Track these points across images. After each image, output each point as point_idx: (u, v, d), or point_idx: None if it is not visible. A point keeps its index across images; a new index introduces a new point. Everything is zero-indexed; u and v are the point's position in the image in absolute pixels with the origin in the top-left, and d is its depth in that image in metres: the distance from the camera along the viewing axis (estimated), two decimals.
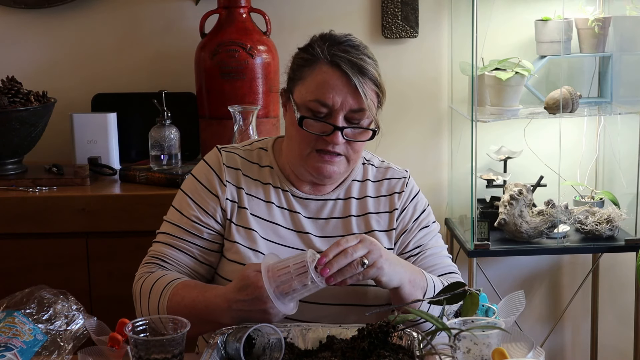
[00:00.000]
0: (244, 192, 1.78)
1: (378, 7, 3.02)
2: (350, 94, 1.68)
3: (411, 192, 1.86)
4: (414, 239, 1.82)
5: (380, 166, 1.89)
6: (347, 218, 1.80)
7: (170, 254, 1.76)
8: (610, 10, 2.98)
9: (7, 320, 1.63)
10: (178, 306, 1.63)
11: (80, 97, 2.96)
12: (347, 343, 1.51)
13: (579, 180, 3.10)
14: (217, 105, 2.72)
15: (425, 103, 3.09)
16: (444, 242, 1.89)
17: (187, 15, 2.98)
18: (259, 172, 1.82)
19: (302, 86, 1.72)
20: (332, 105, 1.68)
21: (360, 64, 1.68)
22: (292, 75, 1.76)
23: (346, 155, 1.73)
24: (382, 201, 1.83)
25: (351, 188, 1.83)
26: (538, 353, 1.46)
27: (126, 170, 2.69)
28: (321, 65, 1.70)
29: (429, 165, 3.13)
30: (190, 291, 1.65)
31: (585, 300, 3.22)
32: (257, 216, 1.78)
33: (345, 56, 1.68)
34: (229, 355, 1.49)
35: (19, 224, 2.50)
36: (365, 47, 1.74)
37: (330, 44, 1.71)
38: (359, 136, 1.72)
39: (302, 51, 1.76)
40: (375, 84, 1.71)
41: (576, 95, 2.85)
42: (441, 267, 1.81)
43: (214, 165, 1.81)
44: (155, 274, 1.72)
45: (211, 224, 1.77)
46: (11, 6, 2.95)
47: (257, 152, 1.85)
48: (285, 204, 1.80)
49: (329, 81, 1.68)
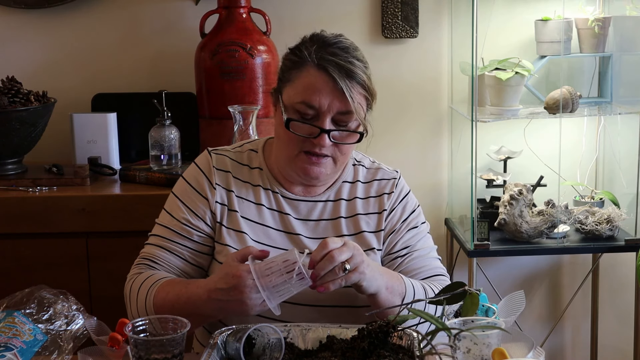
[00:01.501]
0: (234, 195, 1.78)
1: (378, 7, 3.02)
2: (337, 97, 1.67)
3: (401, 193, 1.85)
4: (402, 239, 1.81)
5: (371, 167, 1.88)
6: (336, 219, 1.80)
7: (161, 256, 1.76)
8: (610, 10, 2.98)
9: (7, 320, 1.63)
10: (163, 302, 1.64)
11: (80, 97, 2.96)
12: (347, 343, 1.51)
13: (579, 180, 3.10)
14: (217, 105, 2.72)
15: (425, 103, 3.09)
16: (433, 242, 1.88)
17: (187, 15, 2.98)
18: (249, 174, 1.82)
19: (290, 88, 1.72)
20: (318, 107, 1.68)
21: (348, 67, 1.68)
22: (281, 76, 1.76)
23: (333, 157, 1.73)
24: (372, 202, 1.83)
25: (341, 189, 1.83)
26: (538, 353, 1.46)
27: (126, 170, 2.69)
28: (308, 68, 1.69)
29: (429, 165, 3.13)
30: (174, 286, 1.65)
31: (585, 300, 3.22)
32: (248, 219, 1.77)
33: (332, 59, 1.68)
34: (229, 355, 1.49)
35: (19, 224, 2.50)
36: (356, 49, 1.73)
37: (319, 46, 1.70)
38: (346, 138, 1.72)
39: (290, 52, 1.76)
40: (363, 87, 1.70)
41: (576, 95, 2.85)
42: (428, 270, 1.80)
43: (204, 168, 1.81)
44: (143, 274, 1.72)
45: (201, 227, 1.77)
46: (11, 6, 2.95)
47: (247, 153, 1.85)
48: (275, 205, 1.79)
49: (315, 84, 1.68)
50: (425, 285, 1.73)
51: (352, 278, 1.55)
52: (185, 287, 1.64)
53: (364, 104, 1.72)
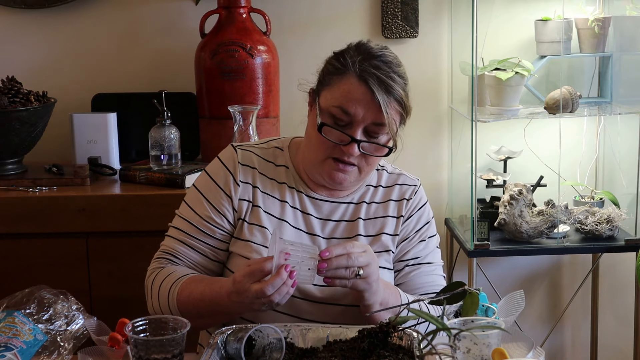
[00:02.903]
0: (259, 191, 1.80)
1: (378, 7, 3.02)
2: (372, 109, 1.69)
3: (419, 202, 1.88)
4: (413, 249, 1.84)
5: (393, 172, 1.91)
6: (355, 221, 1.82)
7: (182, 251, 1.78)
8: (610, 10, 2.98)
9: (7, 320, 1.63)
10: (187, 299, 1.67)
11: (80, 97, 2.96)
12: (347, 343, 1.51)
13: (579, 180, 3.10)
14: (217, 105, 2.72)
15: (425, 103, 3.09)
16: (441, 251, 1.91)
17: (187, 15, 2.98)
18: (274, 171, 1.83)
19: (329, 92, 1.73)
20: (353, 114, 1.69)
21: (388, 83, 1.69)
22: (321, 79, 1.77)
23: (359, 166, 1.75)
24: (392, 205, 1.85)
25: (365, 193, 1.85)
26: (538, 353, 1.46)
27: (126, 170, 2.69)
28: (349, 77, 1.70)
29: (429, 165, 3.13)
30: (198, 285, 1.68)
31: (585, 300, 3.22)
32: (270, 214, 1.79)
33: (375, 72, 1.69)
34: (229, 355, 1.49)
35: (19, 224, 2.50)
36: (398, 65, 1.75)
37: (364, 57, 1.71)
38: (375, 151, 1.74)
39: (334, 57, 1.76)
40: (399, 104, 1.72)
41: (576, 95, 2.85)
42: (430, 286, 1.82)
43: (228, 164, 1.82)
44: (165, 270, 1.75)
45: (223, 224, 1.78)
46: (11, 6, 2.95)
47: (272, 150, 1.86)
48: (299, 204, 1.81)
49: (354, 93, 1.69)
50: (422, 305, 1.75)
51: (360, 285, 1.58)
52: (209, 286, 1.66)
53: (398, 119, 1.74)
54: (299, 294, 1.70)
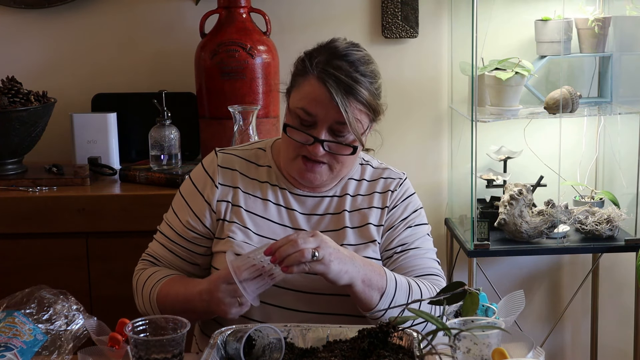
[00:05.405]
0: (241, 191, 1.83)
1: (378, 7, 3.02)
2: (333, 109, 1.70)
3: (405, 193, 1.88)
4: (399, 237, 1.84)
5: (379, 167, 1.92)
6: (341, 213, 1.84)
7: (163, 255, 1.87)
8: (610, 10, 2.98)
9: (7, 320, 1.63)
10: (165, 299, 1.76)
11: (80, 97, 2.96)
12: (347, 343, 1.51)
13: (579, 180, 3.10)
14: (217, 105, 2.72)
15: (425, 103, 3.09)
16: (433, 245, 1.89)
17: (187, 15, 2.98)
18: (256, 171, 1.86)
19: (295, 93, 1.77)
20: (315, 115, 1.72)
21: (348, 83, 1.70)
22: (291, 80, 1.81)
23: (329, 164, 1.77)
24: (376, 197, 1.86)
25: (347, 186, 1.87)
26: (538, 353, 1.46)
27: (126, 170, 2.69)
28: (311, 79, 1.73)
29: (429, 166, 3.13)
30: (174, 285, 1.77)
31: (585, 300, 3.22)
32: (252, 212, 1.82)
33: (334, 73, 1.70)
34: (229, 355, 1.49)
35: (19, 224, 2.50)
36: (365, 63, 1.74)
37: (327, 57, 1.73)
38: (340, 150, 1.75)
39: (301, 58, 1.79)
40: (363, 104, 1.72)
41: (576, 95, 2.85)
42: (421, 269, 1.81)
43: (207, 168, 1.87)
44: (147, 271, 1.84)
45: (201, 229, 1.83)
46: (11, 6, 2.95)
47: (255, 152, 1.90)
48: (283, 201, 1.84)
49: (314, 94, 1.72)
50: (412, 281, 1.74)
51: (317, 268, 1.60)
52: (184, 286, 1.75)
53: (365, 119, 1.74)
54: (283, 284, 1.72)
